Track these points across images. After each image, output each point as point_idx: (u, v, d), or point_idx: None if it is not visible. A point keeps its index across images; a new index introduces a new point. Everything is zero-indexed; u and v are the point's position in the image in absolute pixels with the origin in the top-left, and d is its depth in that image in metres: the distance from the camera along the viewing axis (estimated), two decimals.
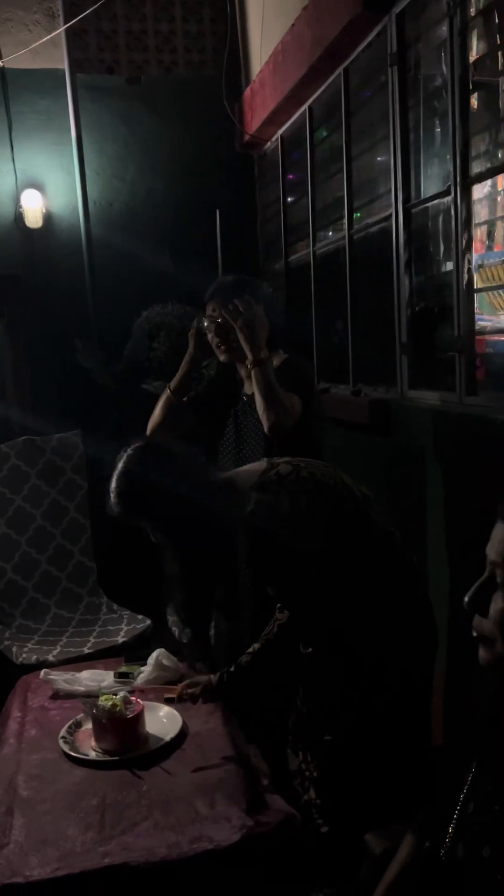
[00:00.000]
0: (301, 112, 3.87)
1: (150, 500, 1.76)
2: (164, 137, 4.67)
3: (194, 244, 4.41)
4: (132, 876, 1.51)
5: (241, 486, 1.77)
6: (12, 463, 3.16)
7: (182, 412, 2.44)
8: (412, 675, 1.79)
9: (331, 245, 3.66)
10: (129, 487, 1.78)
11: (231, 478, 1.83)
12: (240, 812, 1.64)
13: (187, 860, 1.53)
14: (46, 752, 1.94)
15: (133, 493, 1.77)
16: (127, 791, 1.75)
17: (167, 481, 1.75)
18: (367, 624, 1.72)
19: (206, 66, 4.72)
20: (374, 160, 3.15)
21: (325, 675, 1.82)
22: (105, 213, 4.65)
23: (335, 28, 3.01)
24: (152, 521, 1.81)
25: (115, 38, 4.63)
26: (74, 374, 4.28)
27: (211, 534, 1.75)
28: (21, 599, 3.08)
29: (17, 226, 4.50)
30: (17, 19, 4.46)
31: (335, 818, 1.79)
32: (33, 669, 2.54)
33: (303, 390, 2.26)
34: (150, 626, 3.02)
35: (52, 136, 4.50)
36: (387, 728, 1.75)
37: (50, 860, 1.53)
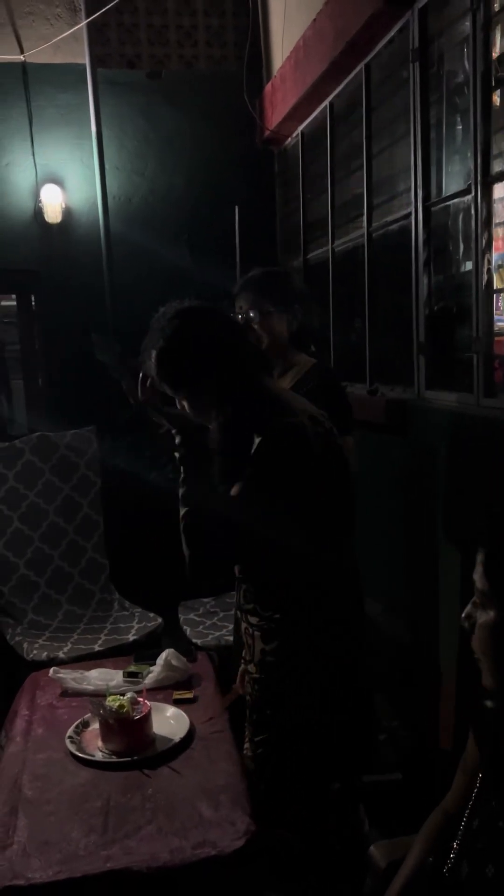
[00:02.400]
0: (322, 108, 3.83)
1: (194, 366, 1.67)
2: (184, 133, 4.64)
3: (213, 240, 4.39)
4: (134, 881, 1.49)
5: (283, 405, 1.69)
6: (26, 458, 3.16)
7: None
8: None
9: (350, 242, 3.62)
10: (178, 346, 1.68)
11: (284, 395, 1.74)
12: (244, 816, 1.63)
13: (190, 866, 1.51)
14: (53, 751, 1.93)
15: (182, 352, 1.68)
16: (132, 793, 1.74)
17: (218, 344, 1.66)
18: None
19: (227, 61, 4.69)
20: (394, 157, 3.11)
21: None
22: (124, 208, 4.64)
23: (357, 23, 2.97)
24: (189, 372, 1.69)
25: (137, 33, 4.61)
26: (90, 369, 4.26)
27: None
28: (33, 595, 3.08)
29: (37, 221, 4.50)
30: (39, 13, 4.45)
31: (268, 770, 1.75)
32: (43, 666, 2.54)
33: (350, 422, 2.23)
34: (161, 624, 3.01)
35: (73, 131, 4.49)
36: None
37: (52, 863, 1.52)
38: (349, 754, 1.76)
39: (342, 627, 1.72)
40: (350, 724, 1.73)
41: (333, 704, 1.69)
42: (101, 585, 3.22)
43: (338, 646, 1.70)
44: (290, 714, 1.68)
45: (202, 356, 1.65)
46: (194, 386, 1.69)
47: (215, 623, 3.05)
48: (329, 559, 1.70)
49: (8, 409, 4.72)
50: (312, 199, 4.19)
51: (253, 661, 1.72)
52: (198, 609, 3.20)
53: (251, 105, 4.52)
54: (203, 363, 1.65)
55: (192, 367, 1.67)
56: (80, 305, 4.51)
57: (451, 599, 2.55)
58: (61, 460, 3.24)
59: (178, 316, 1.70)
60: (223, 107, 4.63)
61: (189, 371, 1.67)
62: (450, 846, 1.14)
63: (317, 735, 1.67)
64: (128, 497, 3.88)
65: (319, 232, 4.07)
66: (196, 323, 1.69)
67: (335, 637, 1.69)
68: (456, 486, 2.53)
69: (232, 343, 1.68)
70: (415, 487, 2.85)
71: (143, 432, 4.18)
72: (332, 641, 1.69)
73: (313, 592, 1.68)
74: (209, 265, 4.20)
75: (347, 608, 1.75)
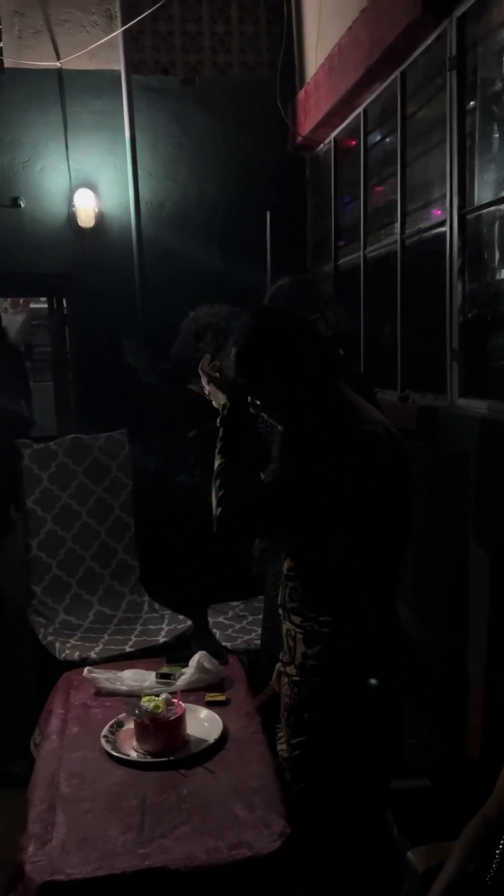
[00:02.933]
0: (356, 114, 3.84)
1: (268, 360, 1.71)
2: (216, 138, 4.68)
3: (244, 245, 4.42)
4: (171, 879, 1.51)
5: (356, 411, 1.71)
6: (60, 460, 3.20)
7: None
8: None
9: (382, 249, 3.63)
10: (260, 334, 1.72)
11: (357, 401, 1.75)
12: (279, 819, 1.64)
13: (226, 866, 1.53)
14: (88, 750, 1.96)
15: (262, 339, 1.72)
16: (167, 793, 1.76)
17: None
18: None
19: (261, 68, 4.72)
20: (428, 165, 3.11)
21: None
22: (156, 213, 4.69)
23: (394, 30, 2.98)
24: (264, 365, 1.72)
25: (171, 40, 4.66)
26: (121, 372, 4.32)
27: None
28: (65, 595, 3.11)
29: (70, 225, 4.56)
30: (76, 20, 4.51)
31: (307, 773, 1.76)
32: (75, 666, 2.57)
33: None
34: (191, 626, 3.03)
35: (107, 137, 4.55)
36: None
37: (91, 859, 1.54)
38: (381, 761, 1.76)
39: (385, 636, 1.73)
40: (383, 732, 1.74)
41: (368, 712, 1.70)
42: (131, 587, 3.25)
43: (378, 654, 1.71)
44: (328, 718, 1.69)
45: (280, 354, 1.68)
46: (270, 383, 1.72)
47: (244, 627, 3.07)
48: (385, 567, 1.72)
49: (28, 410, 4.76)
50: (344, 205, 4.21)
51: (293, 663, 1.73)
52: (227, 612, 3.21)
53: (284, 111, 4.55)
54: (281, 361, 1.68)
55: (270, 364, 1.70)
56: (111, 309, 4.56)
57: (480, 606, 2.55)
58: (94, 463, 3.28)
59: (260, 313, 1.75)
60: (256, 113, 4.66)
61: (267, 367, 1.71)
62: (492, 854, 1.14)
63: (352, 740, 1.68)
64: (157, 500, 3.91)
65: (351, 238, 4.08)
66: (278, 322, 1.74)
67: (376, 645, 1.70)
68: (487, 494, 2.53)
69: (309, 345, 1.71)
70: (445, 495, 2.85)
71: (172, 436, 4.23)
72: (373, 649, 1.70)
73: (364, 598, 1.69)
74: (240, 270, 4.23)
75: (390, 616, 1.77)
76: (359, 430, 1.64)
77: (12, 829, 1.81)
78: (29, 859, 1.56)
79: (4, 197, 4.50)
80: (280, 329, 1.72)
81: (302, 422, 1.68)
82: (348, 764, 1.70)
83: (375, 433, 1.65)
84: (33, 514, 3.09)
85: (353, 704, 1.67)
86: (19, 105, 4.48)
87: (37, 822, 1.68)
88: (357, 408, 1.72)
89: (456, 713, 2.70)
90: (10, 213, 4.51)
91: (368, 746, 1.70)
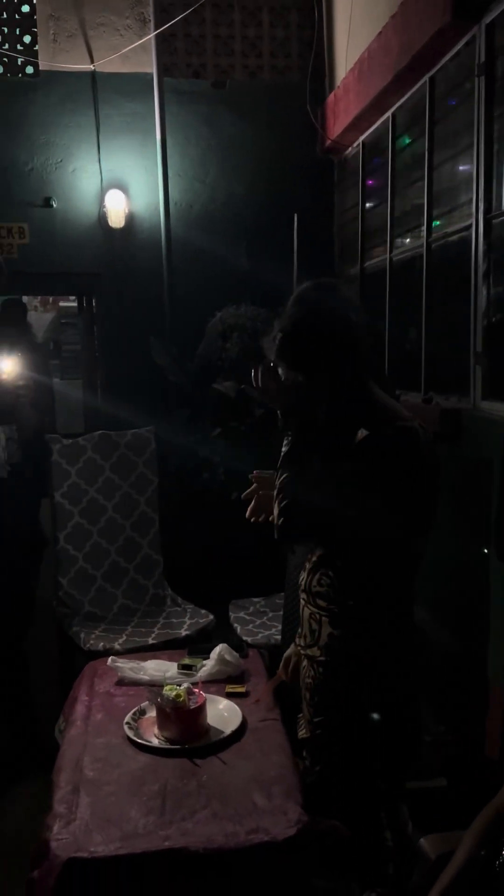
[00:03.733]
0: (384, 119, 3.87)
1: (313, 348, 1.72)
2: (246, 141, 4.74)
3: (271, 247, 4.46)
4: (191, 861, 1.56)
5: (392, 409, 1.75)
6: (88, 456, 3.26)
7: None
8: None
9: (408, 252, 3.66)
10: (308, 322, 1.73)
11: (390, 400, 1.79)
12: (296, 807, 1.68)
13: (244, 850, 1.58)
14: (111, 735, 2.02)
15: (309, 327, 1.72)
16: (187, 779, 1.81)
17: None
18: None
19: (291, 72, 4.77)
20: (455, 169, 3.14)
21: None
22: (185, 214, 4.75)
23: (423, 37, 3.02)
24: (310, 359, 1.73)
25: (203, 43, 4.72)
26: (148, 371, 4.39)
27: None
28: (90, 588, 3.18)
29: (101, 225, 4.64)
30: (110, 24, 4.59)
31: (326, 756, 1.80)
32: (100, 656, 2.63)
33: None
34: (212, 621, 3.08)
35: (138, 139, 4.62)
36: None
37: (113, 839, 1.60)
38: (399, 746, 1.80)
39: (409, 624, 1.78)
40: (402, 717, 1.77)
41: (388, 695, 1.74)
42: (154, 581, 3.31)
43: (399, 641, 1.75)
44: (351, 698, 1.73)
45: (326, 340, 1.69)
46: (312, 369, 1.72)
47: (264, 622, 3.11)
48: (417, 553, 1.78)
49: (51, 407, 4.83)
50: (371, 208, 4.24)
51: (317, 644, 1.78)
52: (248, 608, 3.26)
53: (313, 115, 4.59)
54: (326, 347, 1.69)
55: (314, 349, 1.70)
56: (139, 309, 4.64)
57: (500, 607, 2.57)
58: (121, 458, 3.34)
59: (305, 300, 1.76)
60: (285, 116, 4.71)
61: (311, 352, 1.71)
62: (501, 842, 1.18)
63: (371, 723, 1.72)
64: (182, 496, 3.97)
65: (377, 241, 4.11)
66: (324, 309, 1.75)
67: (400, 632, 1.75)
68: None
69: (353, 336, 1.72)
70: (467, 497, 2.87)
71: (197, 434, 4.28)
72: (397, 635, 1.74)
73: (394, 585, 1.74)
74: (266, 272, 4.28)
75: (411, 605, 1.81)
76: (402, 425, 1.68)
77: (36, 812, 1.87)
78: (54, 837, 1.62)
79: (37, 197, 4.59)
80: (325, 314, 1.73)
81: (341, 418, 1.71)
82: (366, 747, 1.74)
83: (415, 429, 1.69)
84: (61, 508, 3.17)
85: (375, 686, 1.71)
86: (53, 107, 4.57)
87: (62, 802, 1.74)
88: (391, 404, 1.76)
89: (475, 713, 2.72)
90: (42, 212, 4.60)
91: (387, 730, 1.74)
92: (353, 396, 1.71)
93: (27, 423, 2.78)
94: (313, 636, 1.80)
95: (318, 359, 1.70)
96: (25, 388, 2.62)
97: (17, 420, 2.73)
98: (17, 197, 4.58)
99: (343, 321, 1.72)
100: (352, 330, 1.72)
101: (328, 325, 1.71)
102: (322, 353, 1.69)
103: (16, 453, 2.77)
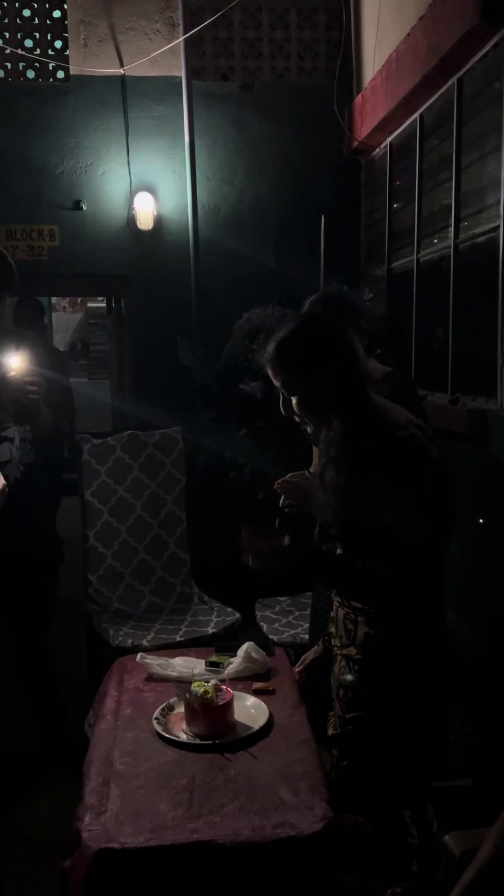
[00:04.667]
0: (412, 120, 3.88)
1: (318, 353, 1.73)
2: (273, 143, 4.76)
3: (298, 248, 4.49)
4: (218, 853, 1.59)
5: (389, 418, 1.75)
6: (117, 455, 3.31)
7: None
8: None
9: (435, 253, 3.66)
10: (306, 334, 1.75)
11: (387, 406, 1.78)
12: (322, 802, 1.70)
13: (270, 844, 1.60)
14: (140, 731, 2.05)
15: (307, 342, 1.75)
16: (215, 774, 1.84)
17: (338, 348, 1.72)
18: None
19: (318, 73, 4.79)
20: (483, 170, 3.14)
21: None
22: (213, 216, 4.79)
23: (451, 38, 3.02)
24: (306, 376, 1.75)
25: (231, 46, 4.76)
26: (175, 371, 4.43)
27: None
28: (118, 585, 3.22)
29: (129, 227, 4.70)
30: (139, 28, 4.64)
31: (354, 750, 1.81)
32: (128, 652, 2.67)
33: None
34: (239, 619, 3.11)
35: (166, 141, 4.67)
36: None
37: (143, 830, 1.63)
38: (425, 751, 1.82)
39: (441, 624, 1.80)
40: (429, 721, 1.80)
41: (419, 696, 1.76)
42: (182, 579, 3.35)
43: (432, 640, 1.78)
44: (386, 696, 1.75)
45: (322, 351, 1.72)
46: (308, 381, 1.73)
47: (290, 621, 3.14)
48: (442, 553, 1.80)
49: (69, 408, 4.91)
50: (398, 209, 4.24)
51: (354, 643, 1.81)
52: (274, 607, 3.29)
53: (340, 116, 4.60)
54: (322, 358, 1.71)
55: (310, 360, 1.72)
56: (167, 310, 4.68)
57: None
58: (149, 458, 3.38)
59: (300, 315, 1.82)
60: (312, 118, 4.73)
61: (307, 363, 1.72)
62: None
63: (401, 723, 1.75)
64: (209, 496, 4.00)
65: (404, 241, 4.11)
66: (319, 322, 1.80)
67: (432, 631, 1.78)
68: None
69: (347, 348, 1.75)
70: (493, 497, 2.87)
71: (223, 434, 4.31)
72: (430, 634, 1.77)
73: (424, 585, 1.77)
74: (294, 273, 4.30)
75: (442, 605, 1.84)
76: (398, 438, 1.69)
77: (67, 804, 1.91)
78: (85, 828, 1.65)
79: (68, 200, 4.66)
80: (320, 326, 1.77)
81: (340, 427, 1.72)
82: (396, 745, 1.76)
83: (412, 437, 1.70)
84: (91, 506, 3.22)
85: (409, 684, 1.74)
86: (83, 111, 4.64)
87: (92, 794, 1.77)
88: (388, 412, 1.76)
89: (500, 714, 2.73)
90: (72, 215, 4.67)
91: (417, 728, 1.76)
92: (353, 403, 1.71)
93: (42, 423, 2.72)
94: (349, 636, 1.83)
95: (315, 366, 1.70)
96: (36, 385, 2.52)
97: (31, 420, 2.67)
98: (47, 200, 4.65)
99: (335, 329, 1.75)
100: (346, 337, 1.75)
101: (322, 333, 1.74)
102: (319, 360, 1.70)
103: (29, 453, 2.71)
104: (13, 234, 4.64)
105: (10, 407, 2.55)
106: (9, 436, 2.61)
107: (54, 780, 2.72)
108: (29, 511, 2.74)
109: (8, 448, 2.61)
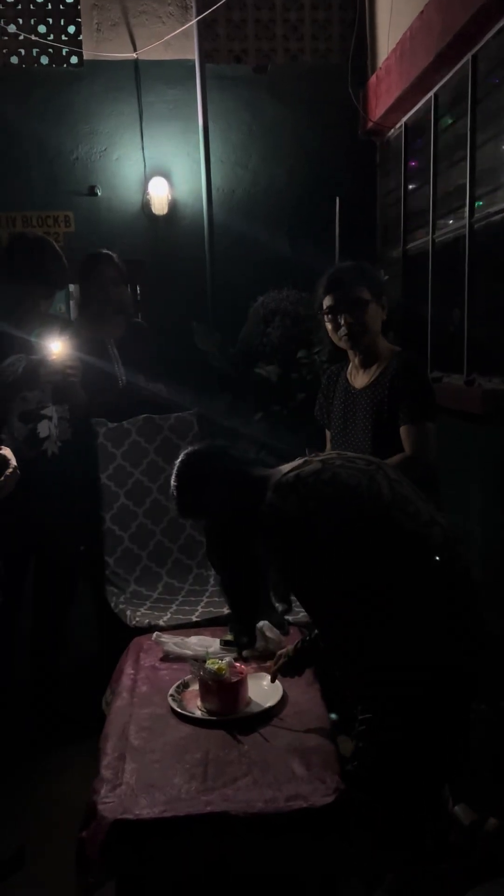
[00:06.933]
0: (426, 99, 3.85)
1: (195, 501, 1.94)
2: (287, 125, 4.74)
3: (313, 230, 4.47)
4: (232, 824, 1.62)
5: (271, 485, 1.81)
6: (133, 439, 3.33)
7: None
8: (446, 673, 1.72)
9: (450, 233, 3.64)
10: (178, 487, 1.97)
11: (267, 476, 1.84)
12: (334, 776, 1.73)
13: (283, 815, 1.63)
14: (156, 707, 2.08)
15: (181, 491, 1.97)
16: (228, 749, 1.87)
17: (207, 481, 1.90)
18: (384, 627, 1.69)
19: (332, 54, 4.75)
20: (498, 148, 3.11)
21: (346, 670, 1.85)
22: (227, 199, 4.78)
23: (465, 15, 2.99)
24: (204, 517, 1.96)
25: (244, 28, 4.73)
26: (191, 355, 4.45)
27: (241, 531, 1.83)
28: (136, 567, 3.25)
29: (144, 212, 4.71)
30: (152, 12, 4.63)
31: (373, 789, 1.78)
32: (145, 632, 2.70)
33: (431, 407, 2.30)
34: None
35: (180, 125, 4.66)
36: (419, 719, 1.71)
37: (157, 803, 1.66)
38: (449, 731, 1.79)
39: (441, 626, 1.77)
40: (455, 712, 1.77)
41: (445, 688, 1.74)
42: (198, 561, 3.36)
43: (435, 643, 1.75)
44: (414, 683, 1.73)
45: (208, 493, 1.89)
46: (208, 517, 1.93)
47: None
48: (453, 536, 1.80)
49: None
50: (413, 189, 4.21)
51: None
52: None
53: (355, 97, 4.57)
54: (210, 499, 1.88)
55: (202, 501, 1.91)
56: (182, 294, 4.69)
57: None
58: (164, 441, 3.40)
59: (185, 458, 2.00)
60: (326, 99, 4.71)
61: (200, 505, 1.92)
62: None
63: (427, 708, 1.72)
64: None
65: (420, 222, 4.09)
66: (198, 465, 1.96)
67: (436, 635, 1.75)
68: None
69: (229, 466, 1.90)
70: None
71: (239, 418, 4.31)
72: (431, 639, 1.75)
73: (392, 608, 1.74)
74: (308, 256, 4.29)
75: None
76: (266, 506, 1.73)
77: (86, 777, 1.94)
78: (101, 800, 1.69)
79: (82, 185, 4.67)
80: (201, 470, 1.93)
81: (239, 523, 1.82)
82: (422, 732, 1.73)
83: (270, 508, 1.72)
84: (107, 489, 3.24)
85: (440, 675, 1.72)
86: (97, 96, 4.64)
87: (108, 768, 1.81)
88: (264, 483, 1.79)
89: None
90: (87, 200, 4.68)
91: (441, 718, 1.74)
92: (241, 500, 1.80)
93: (79, 403, 2.91)
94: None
95: (209, 495, 1.87)
96: (75, 368, 2.73)
97: (68, 399, 2.87)
98: (62, 186, 4.67)
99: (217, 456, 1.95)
100: (227, 458, 1.93)
101: (208, 468, 1.93)
102: (210, 490, 1.87)
103: (66, 431, 2.91)
104: (29, 220, 4.67)
105: (48, 387, 2.79)
106: (48, 414, 2.85)
107: (75, 753, 2.78)
108: (66, 486, 2.94)
109: (47, 425, 2.85)
